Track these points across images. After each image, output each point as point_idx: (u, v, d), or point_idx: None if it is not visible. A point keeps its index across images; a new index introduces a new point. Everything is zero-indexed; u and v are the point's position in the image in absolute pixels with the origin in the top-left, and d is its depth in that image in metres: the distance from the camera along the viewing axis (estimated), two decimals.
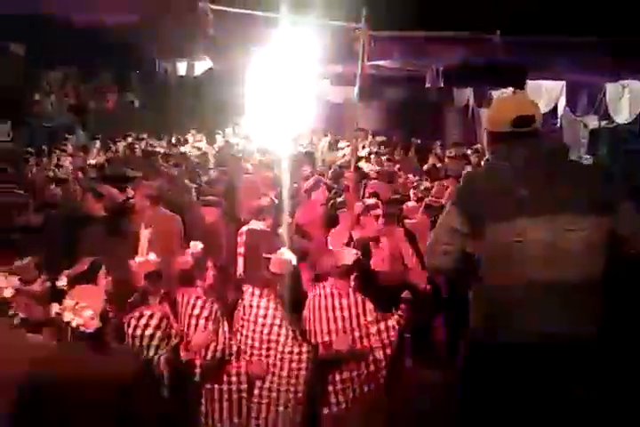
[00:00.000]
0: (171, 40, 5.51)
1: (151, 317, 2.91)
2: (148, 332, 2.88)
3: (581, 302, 1.97)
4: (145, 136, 9.44)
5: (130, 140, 9.17)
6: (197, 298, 3.09)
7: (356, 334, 3.18)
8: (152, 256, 3.17)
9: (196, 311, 3.03)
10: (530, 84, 6.66)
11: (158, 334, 2.90)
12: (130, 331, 2.91)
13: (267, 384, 3.07)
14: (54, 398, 2.24)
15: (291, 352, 3.06)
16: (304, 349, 3.08)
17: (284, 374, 3.06)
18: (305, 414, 3.12)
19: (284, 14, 5.22)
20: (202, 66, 9.27)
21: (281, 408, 3.06)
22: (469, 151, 8.69)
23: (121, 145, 9.08)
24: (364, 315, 3.22)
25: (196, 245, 3.25)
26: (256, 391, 3.08)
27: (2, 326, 2.55)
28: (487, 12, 5.55)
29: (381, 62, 7.12)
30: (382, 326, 3.23)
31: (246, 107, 12.50)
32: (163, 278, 3.08)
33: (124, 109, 10.89)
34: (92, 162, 7.63)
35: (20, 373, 2.26)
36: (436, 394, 3.40)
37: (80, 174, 6.76)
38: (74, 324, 2.29)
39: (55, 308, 2.40)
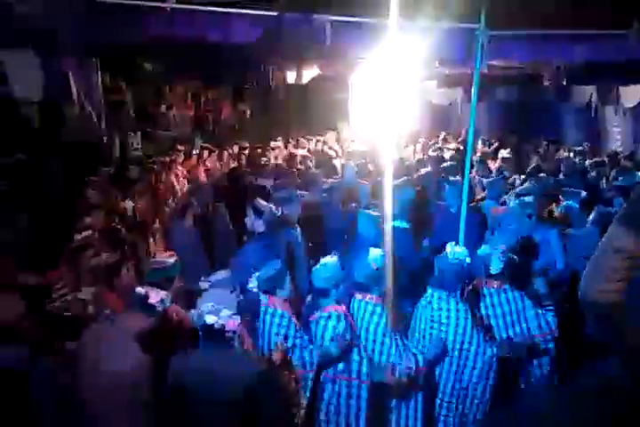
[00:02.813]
0: (288, 52, 5.76)
1: (338, 317, 3.01)
2: (338, 330, 2.97)
3: None
4: (247, 144, 9.67)
5: (236, 148, 9.34)
6: (375, 305, 3.13)
7: (522, 327, 3.28)
8: (331, 260, 3.22)
9: (376, 319, 3.09)
10: None
11: (345, 334, 2.98)
12: (318, 331, 3.02)
13: (458, 384, 3.13)
14: (195, 397, 2.37)
15: (483, 354, 3.09)
16: (494, 351, 3.11)
17: (476, 373, 3.11)
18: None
19: (398, 20, 5.24)
20: (310, 73, 9.57)
21: (470, 407, 3.15)
22: (571, 153, 8.11)
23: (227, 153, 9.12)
24: (524, 309, 3.30)
25: (376, 251, 3.24)
26: (449, 390, 3.15)
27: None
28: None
29: (495, 62, 6.91)
30: (542, 320, 3.29)
31: (351, 111, 12.70)
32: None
33: (237, 119, 11.52)
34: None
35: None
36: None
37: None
38: (217, 325, 2.42)
39: (194, 313, 2.53)
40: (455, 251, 3.24)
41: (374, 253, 3.23)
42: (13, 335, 2.35)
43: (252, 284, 3.15)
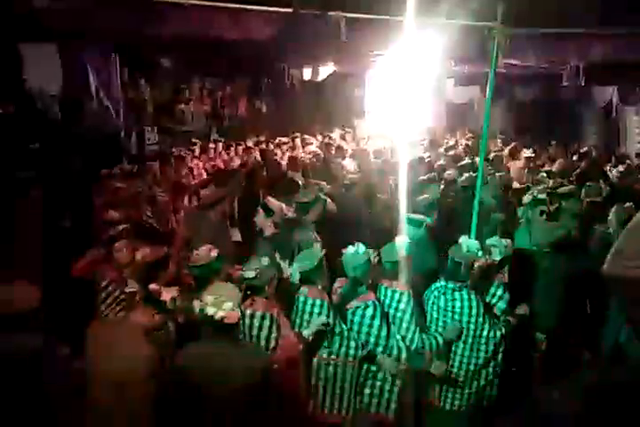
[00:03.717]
0: (303, 49, 5.78)
1: (374, 306, 3.11)
2: (376, 322, 3.10)
3: None
4: (262, 139, 9.69)
5: (250, 143, 9.34)
6: (402, 293, 3.23)
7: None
8: (361, 249, 3.25)
9: (402, 306, 3.21)
10: None
11: (382, 323, 3.11)
12: (356, 319, 3.12)
13: (472, 367, 3.30)
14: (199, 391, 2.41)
15: (494, 337, 3.26)
16: (503, 332, 3.28)
17: (488, 355, 3.29)
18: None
19: (414, 17, 5.22)
20: (325, 70, 9.58)
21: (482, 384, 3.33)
22: (575, 157, 7.97)
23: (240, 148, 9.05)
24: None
25: (404, 240, 3.33)
26: (463, 372, 3.31)
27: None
28: None
29: (513, 60, 6.86)
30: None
31: (366, 109, 12.68)
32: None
33: (253, 114, 11.57)
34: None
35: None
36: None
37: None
38: (217, 317, 2.43)
39: (197, 304, 2.53)
40: (468, 243, 3.32)
41: (401, 241, 3.31)
42: (29, 325, 2.39)
43: (292, 273, 3.17)
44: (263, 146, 9.11)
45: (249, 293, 2.97)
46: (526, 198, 4.98)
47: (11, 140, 5.71)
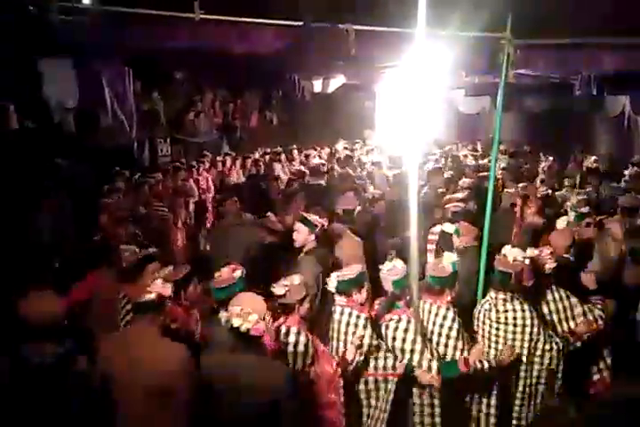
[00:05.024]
0: (314, 61, 5.83)
1: (408, 320, 3.06)
2: (409, 336, 3.03)
3: None
4: (269, 150, 9.71)
5: (257, 155, 9.35)
6: (448, 309, 3.16)
7: (570, 324, 3.35)
8: (399, 264, 3.22)
9: (446, 322, 3.13)
10: None
11: (416, 337, 3.03)
12: (389, 333, 3.07)
13: (528, 380, 3.20)
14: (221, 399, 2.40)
15: (550, 349, 3.17)
16: (560, 346, 3.19)
17: (544, 368, 3.19)
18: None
19: (424, 29, 5.25)
20: (336, 82, 9.66)
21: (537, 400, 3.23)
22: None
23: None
24: (571, 308, 3.37)
25: (451, 257, 3.27)
26: (520, 388, 3.22)
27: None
28: None
29: (523, 71, 6.87)
30: (590, 316, 3.35)
31: (376, 120, 12.73)
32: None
33: (264, 126, 11.65)
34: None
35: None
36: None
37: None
38: (243, 328, 2.42)
39: (223, 315, 2.52)
40: (513, 252, 3.24)
41: (449, 258, 3.25)
42: (51, 334, 2.40)
43: (331, 284, 3.15)
44: (268, 157, 9.16)
45: (279, 311, 2.92)
46: (570, 214, 4.90)
47: (29, 152, 5.81)
